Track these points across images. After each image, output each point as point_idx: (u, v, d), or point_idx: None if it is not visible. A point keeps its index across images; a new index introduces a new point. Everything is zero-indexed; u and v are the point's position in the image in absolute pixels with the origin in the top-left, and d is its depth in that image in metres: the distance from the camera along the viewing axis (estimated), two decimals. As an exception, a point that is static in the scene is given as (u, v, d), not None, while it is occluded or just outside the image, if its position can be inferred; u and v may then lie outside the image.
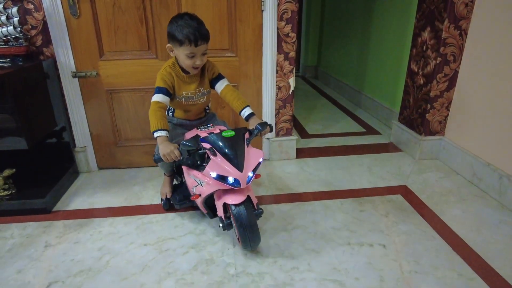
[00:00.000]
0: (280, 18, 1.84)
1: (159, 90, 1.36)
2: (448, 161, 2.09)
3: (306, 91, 3.99)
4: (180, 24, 1.29)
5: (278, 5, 1.81)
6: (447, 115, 2.11)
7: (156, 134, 1.30)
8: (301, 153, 2.27)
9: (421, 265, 1.32)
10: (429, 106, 2.07)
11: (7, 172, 1.62)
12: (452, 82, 2.02)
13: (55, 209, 1.69)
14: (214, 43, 1.82)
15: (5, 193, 1.64)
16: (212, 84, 1.50)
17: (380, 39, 2.89)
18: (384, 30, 2.81)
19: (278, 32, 1.86)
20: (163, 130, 1.30)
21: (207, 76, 1.47)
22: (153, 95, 1.36)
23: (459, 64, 1.98)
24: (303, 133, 2.67)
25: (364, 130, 2.73)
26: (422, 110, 2.13)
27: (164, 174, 1.65)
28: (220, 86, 1.49)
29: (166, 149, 1.25)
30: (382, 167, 2.08)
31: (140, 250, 1.40)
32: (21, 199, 1.63)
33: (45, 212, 1.64)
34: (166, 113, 1.50)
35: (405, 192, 1.82)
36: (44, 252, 1.39)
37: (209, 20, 1.77)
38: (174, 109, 1.52)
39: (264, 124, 1.36)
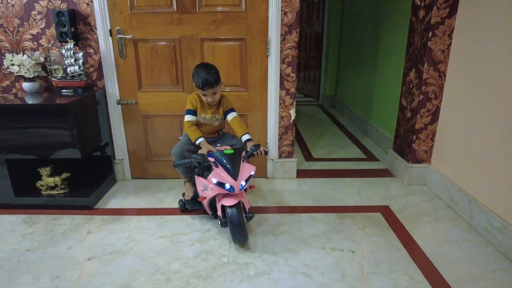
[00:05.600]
0: (282, 62, 2.25)
1: (189, 112, 1.88)
2: (433, 187, 2.33)
3: (321, 119, 4.33)
4: (197, 72, 1.80)
5: (281, 51, 2.22)
6: (432, 146, 2.37)
7: (197, 141, 1.82)
8: (302, 173, 2.60)
9: (380, 268, 1.59)
10: (414, 137, 2.34)
11: (64, 175, 2.11)
12: (435, 116, 2.30)
13: (96, 206, 2.15)
14: (229, 81, 2.27)
15: (61, 191, 2.13)
16: (225, 114, 1.95)
17: (383, 76, 3.21)
18: (386, 68, 3.14)
19: (280, 73, 2.27)
20: (201, 137, 1.83)
21: (222, 108, 1.93)
22: (185, 115, 1.88)
23: (441, 100, 2.26)
24: (308, 157, 2.99)
25: (365, 156, 3.01)
26: (409, 140, 2.40)
27: (184, 181, 2.05)
28: (230, 117, 1.94)
29: (207, 148, 1.79)
30: (370, 189, 2.36)
31: (158, 240, 1.80)
32: (72, 196, 2.11)
33: (89, 208, 2.10)
34: (188, 140, 1.92)
35: (385, 211, 2.09)
36: (87, 237, 1.83)
37: (225, 62, 2.23)
38: None
39: (257, 146, 1.75)
